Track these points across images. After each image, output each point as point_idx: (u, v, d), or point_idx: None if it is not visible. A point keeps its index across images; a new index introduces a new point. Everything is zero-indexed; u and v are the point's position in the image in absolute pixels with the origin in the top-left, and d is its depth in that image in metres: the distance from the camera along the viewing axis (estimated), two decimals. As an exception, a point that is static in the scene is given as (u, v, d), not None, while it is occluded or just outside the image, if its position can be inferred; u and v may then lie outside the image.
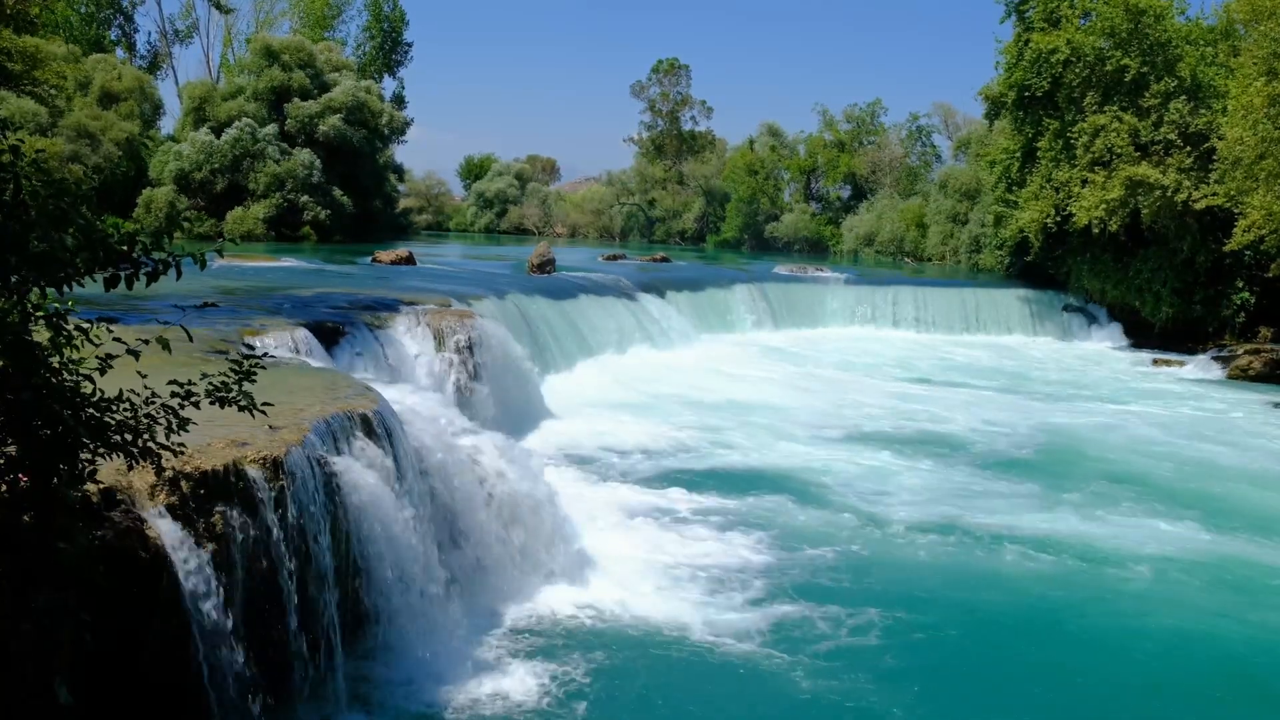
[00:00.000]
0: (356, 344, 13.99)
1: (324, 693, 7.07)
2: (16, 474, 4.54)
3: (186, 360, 8.40)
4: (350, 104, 49.23)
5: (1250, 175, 24.93)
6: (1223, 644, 9.41)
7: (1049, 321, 33.57)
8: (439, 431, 9.61)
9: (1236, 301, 29.91)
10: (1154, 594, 10.48)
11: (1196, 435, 18.66)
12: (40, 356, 4.46)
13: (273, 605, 6.62)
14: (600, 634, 8.88)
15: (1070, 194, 31.17)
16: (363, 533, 7.58)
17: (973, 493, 13.94)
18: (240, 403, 5.32)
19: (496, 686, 7.82)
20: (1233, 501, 14.20)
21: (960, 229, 49.91)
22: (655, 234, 75.16)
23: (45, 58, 32.56)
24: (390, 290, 18.89)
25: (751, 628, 9.06)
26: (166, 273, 4.72)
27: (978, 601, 10.20)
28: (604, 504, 12.50)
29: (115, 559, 5.36)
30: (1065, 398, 22.34)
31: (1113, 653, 9.11)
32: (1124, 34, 30.20)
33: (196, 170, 45.87)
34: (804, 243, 64.84)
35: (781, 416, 18.54)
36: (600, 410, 17.96)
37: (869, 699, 7.96)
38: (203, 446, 6.38)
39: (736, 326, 30.05)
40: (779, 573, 10.48)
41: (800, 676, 8.24)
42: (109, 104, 47.35)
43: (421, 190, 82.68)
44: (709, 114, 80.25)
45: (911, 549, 11.63)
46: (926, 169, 65.10)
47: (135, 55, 63.05)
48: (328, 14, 65.88)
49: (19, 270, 4.45)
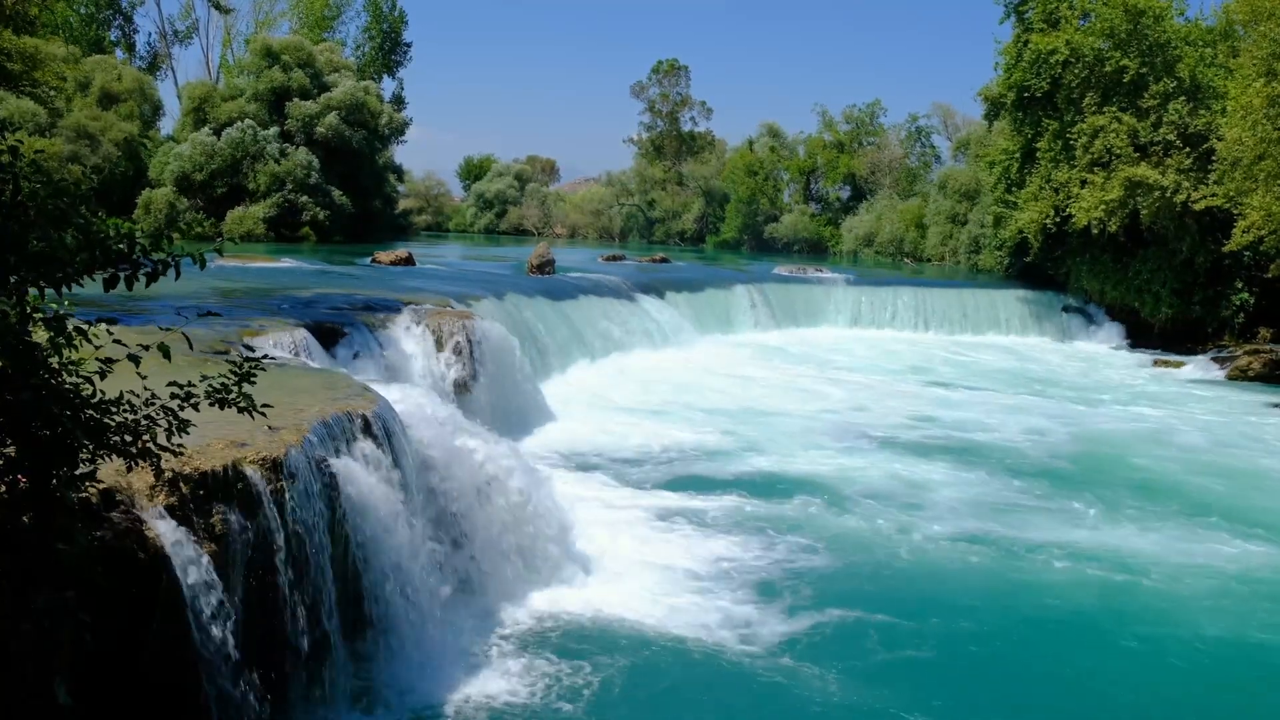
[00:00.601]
0: (356, 345, 13.99)
1: (324, 693, 7.06)
2: (16, 475, 4.53)
3: (186, 361, 8.39)
4: (349, 104, 49.24)
5: (1249, 176, 24.94)
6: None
7: (1048, 322, 33.55)
8: (438, 432, 9.60)
9: (1236, 302, 29.91)
10: (1196, 605, 10.25)
11: (1221, 440, 18.46)
12: (40, 357, 4.46)
13: (272, 606, 6.62)
14: (599, 636, 8.87)
15: (1069, 195, 31.16)
16: (362, 533, 7.58)
17: (1004, 501, 13.64)
18: (240, 404, 5.31)
19: (496, 688, 7.81)
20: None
21: (959, 230, 49.92)
22: (655, 235, 75.16)
23: (45, 58, 32.57)
24: (390, 291, 18.89)
25: (753, 632, 9.04)
26: (165, 273, 4.72)
27: (1002, 609, 10.04)
28: (603, 505, 12.49)
29: (115, 559, 5.36)
30: (1075, 400, 22.22)
31: (1156, 664, 8.99)
32: (1123, 35, 30.20)
33: (197, 171, 45.87)
34: (803, 243, 64.84)
35: (781, 415, 18.53)
36: (600, 411, 17.96)
37: (883, 705, 7.95)
38: (202, 447, 6.37)
39: (736, 327, 30.05)
40: (782, 577, 10.44)
41: (802, 682, 8.22)
42: (108, 105, 47.39)
43: (421, 191, 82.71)
44: (709, 114, 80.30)
45: (931, 555, 11.47)
46: (926, 170, 65.13)
47: (135, 56, 63.14)
48: (327, 14, 65.90)
49: (18, 270, 4.45)
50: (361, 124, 50.15)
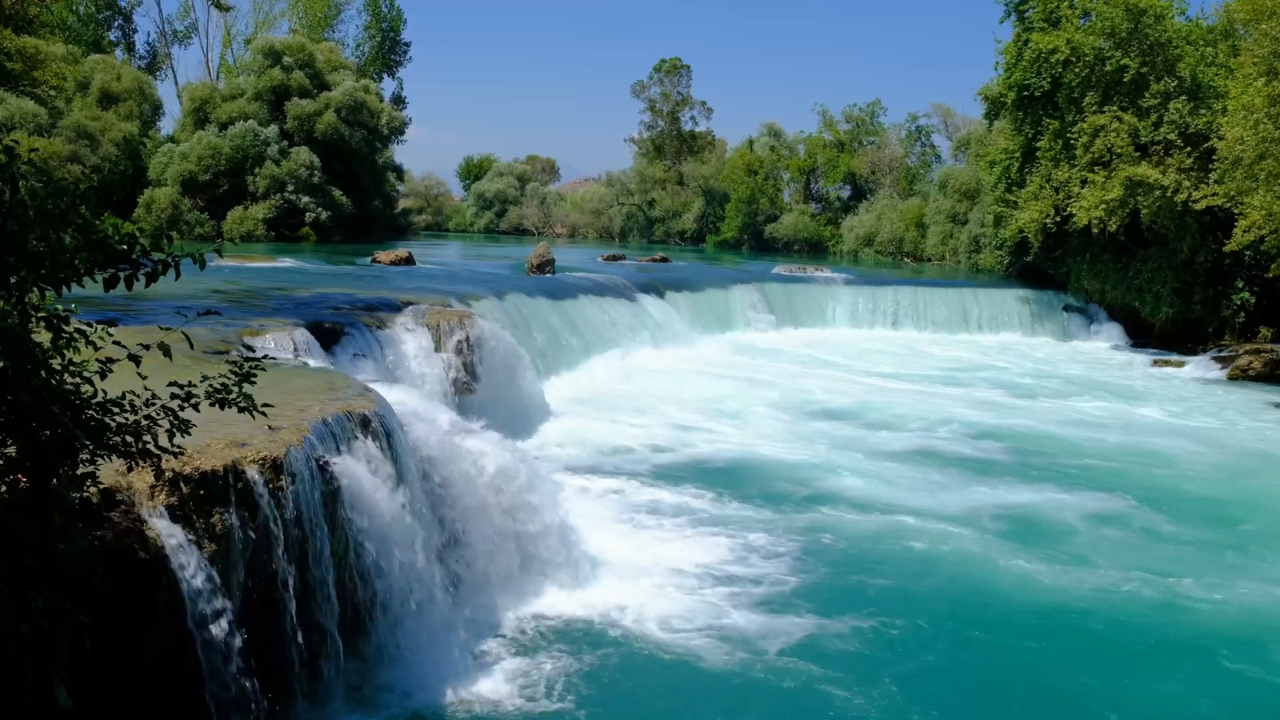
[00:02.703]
0: (356, 344, 13.98)
1: (322, 693, 7.07)
2: (16, 475, 4.53)
3: (186, 362, 8.38)
4: (349, 104, 49.21)
5: (1250, 175, 24.90)
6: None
7: (1049, 322, 33.54)
8: (438, 432, 9.60)
9: (1236, 302, 29.89)
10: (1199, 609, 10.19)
11: (1221, 441, 18.37)
12: (40, 358, 4.45)
13: (272, 606, 6.62)
14: (600, 636, 8.87)
15: (1070, 194, 31.14)
16: (362, 533, 7.57)
17: (1006, 501, 13.55)
18: (240, 404, 5.31)
19: (495, 688, 7.81)
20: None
21: (960, 229, 49.88)
22: (655, 234, 75.08)
23: (45, 58, 32.55)
24: (389, 291, 18.88)
25: (754, 633, 9.03)
26: (166, 273, 4.71)
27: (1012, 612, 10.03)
28: (605, 505, 12.49)
29: (115, 560, 5.36)
30: (1075, 399, 22.24)
31: (1156, 660, 9.00)
32: (1124, 34, 30.18)
33: (201, 172, 45.84)
34: (803, 243, 64.77)
35: (783, 414, 18.54)
36: (600, 410, 17.95)
37: (883, 709, 7.94)
38: (202, 447, 6.37)
39: (736, 327, 30.06)
40: (785, 579, 10.41)
41: (805, 682, 8.21)
42: (108, 105, 47.37)
43: (421, 191, 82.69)
44: (709, 114, 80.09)
45: (936, 555, 11.40)
46: (926, 169, 65.01)
47: (134, 56, 63.16)
48: (328, 14, 65.88)
49: (18, 271, 4.44)
50: (361, 124, 50.12)
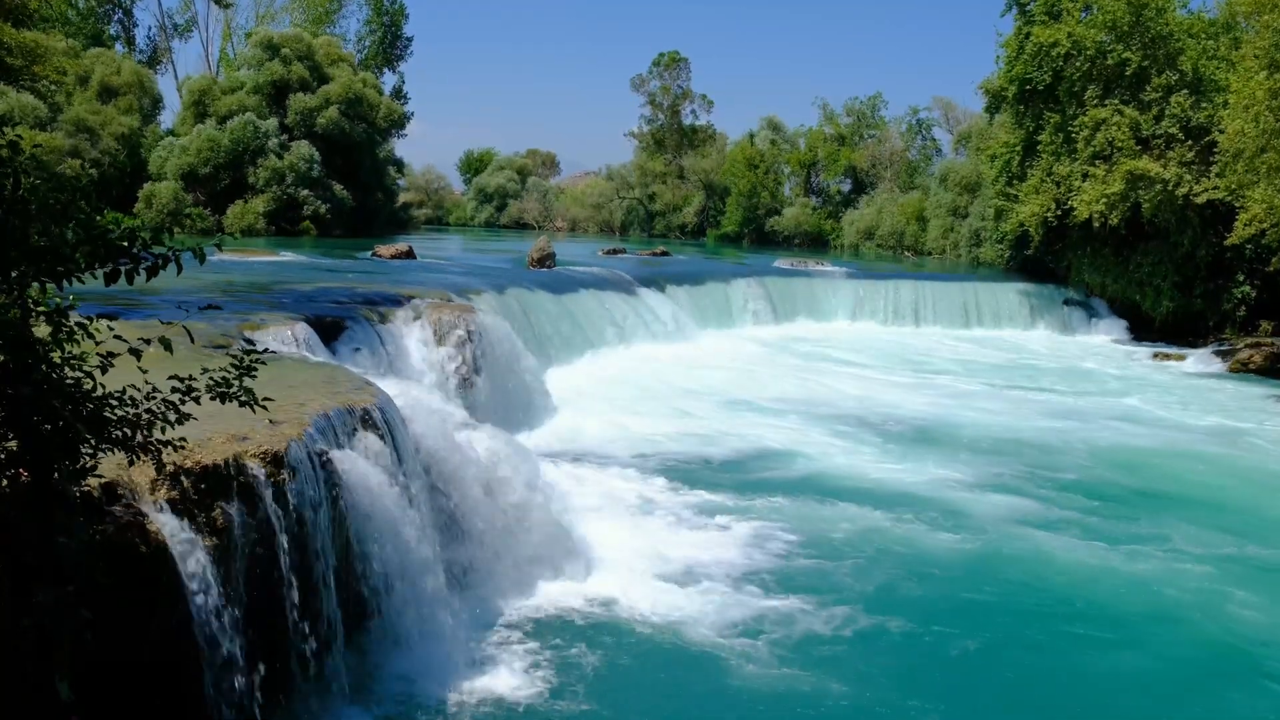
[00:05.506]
0: (357, 338, 13.98)
1: (324, 686, 7.07)
2: (17, 469, 4.53)
3: (187, 355, 8.38)
4: (349, 97, 49.14)
5: (1251, 169, 24.88)
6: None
7: (1050, 316, 33.53)
8: (439, 426, 9.60)
9: (1237, 295, 29.89)
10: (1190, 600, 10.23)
11: (1221, 433, 18.39)
12: (40, 352, 4.46)
13: (273, 599, 6.62)
14: (601, 629, 8.88)
15: (1071, 188, 31.12)
16: (363, 527, 7.58)
17: (1009, 501, 13.41)
18: (241, 398, 5.32)
19: (496, 681, 7.82)
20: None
21: (960, 223, 49.84)
22: (655, 228, 75.02)
23: (45, 52, 32.49)
24: (390, 285, 18.86)
25: (755, 626, 9.02)
26: (166, 267, 4.72)
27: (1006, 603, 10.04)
28: (605, 499, 12.48)
29: (116, 554, 5.36)
30: (1076, 393, 22.20)
31: (1151, 656, 8.98)
32: (1125, 27, 30.13)
33: (201, 165, 45.78)
34: (804, 237, 64.71)
35: (783, 407, 18.53)
36: (601, 404, 17.95)
37: (881, 702, 7.95)
38: (203, 441, 6.37)
39: (737, 321, 30.04)
40: (785, 572, 10.40)
41: (808, 677, 8.20)
42: (108, 99, 47.31)
43: (421, 185, 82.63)
44: (709, 108, 79.91)
45: (940, 555, 11.34)
46: (927, 163, 64.95)
47: (134, 50, 62.99)
48: (329, 8, 65.76)
49: (19, 265, 4.45)
50: (361, 117, 50.06)
